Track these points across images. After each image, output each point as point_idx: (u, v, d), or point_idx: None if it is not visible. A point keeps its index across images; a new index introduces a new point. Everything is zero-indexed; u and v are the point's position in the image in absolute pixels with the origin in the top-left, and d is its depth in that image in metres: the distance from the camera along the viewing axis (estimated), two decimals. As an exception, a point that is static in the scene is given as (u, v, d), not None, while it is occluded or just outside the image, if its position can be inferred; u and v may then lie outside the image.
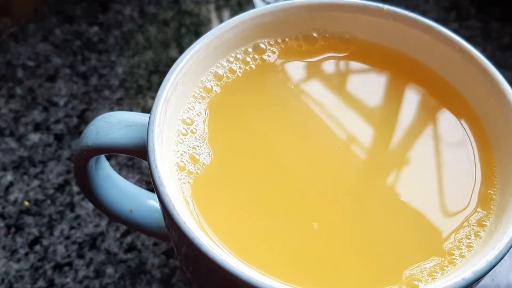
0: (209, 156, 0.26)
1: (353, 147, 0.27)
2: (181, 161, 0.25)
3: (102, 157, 0.29)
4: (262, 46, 0.30)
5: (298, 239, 0.24)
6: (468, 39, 0.28)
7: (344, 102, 0.29)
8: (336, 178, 0.26)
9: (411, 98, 0.29)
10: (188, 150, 0.26)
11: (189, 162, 0.25)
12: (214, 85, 0.28)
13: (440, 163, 0.27)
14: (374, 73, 0.30)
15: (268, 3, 0.53)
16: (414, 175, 0.26)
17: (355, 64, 0.30)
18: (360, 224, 0.25)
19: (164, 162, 0.23)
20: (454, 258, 0.23)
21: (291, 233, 0.24)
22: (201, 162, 0.25)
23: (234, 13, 0.52)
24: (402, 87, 0.29)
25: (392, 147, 0.27)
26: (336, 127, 0.28)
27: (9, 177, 0.40)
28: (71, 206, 0.38)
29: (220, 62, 0.29)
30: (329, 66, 0.30)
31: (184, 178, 0.25)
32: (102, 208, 0.30)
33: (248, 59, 0.29)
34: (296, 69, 0.30)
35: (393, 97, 0.29)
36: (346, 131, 0.28)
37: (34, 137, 0.42)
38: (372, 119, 0.28)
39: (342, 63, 0.30)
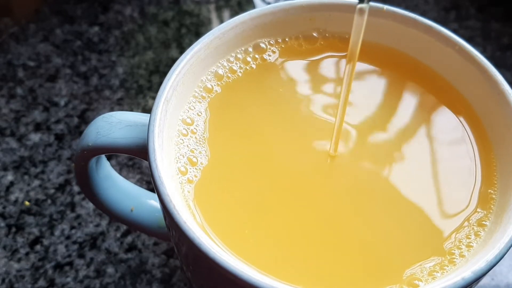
0: (210, 156, 0.26)
1: (353, 146, 0.27)
2: (181, 161, 0.25)
3: (103, 157, 0.29)
4: (263, 45, 0.30)
5: (299, 239, 0.24)
6: (468, 39, 0.28)
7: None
8: (337, 177, 0.26)
9: (411, 98, 0.29)
10: (189, 150, 0.26)
11: (189, 162, 0.25)
12: (215, 85, 0.28)
13: (441, 162, 0.27)
14: (374, 73, 0.30)
15: (268, 3, 0.53)
16: (414, 174, 0.26)
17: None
18: (361, 223, 0.25)
19: (165, 162, 0.23)
20: (454, 258, 0.23)
21: (291, 232, 0.24)
22: (201, 162, 0.25)
23: (234, 13, 0.52)
24: (402, 87, 0.29)
25: (392, 146, 0.27)
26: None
27: (9, 177, 0.40)
28: (72, 206, 0.38)
29: (221, 62, 0.29)
30: (329, 66, 0.30)
31: (184, 178, 0.25)
32: (103, 208, 0.31)
33: (249, 58, 0.29)
34: (296, 68, 0.30)
35: (393, 96, 0.29)
36: (346, 131, 0.28)
37: (35, 137, 0.42)
38: (372, 119, 0.28)
39: (342, 63, 0.30)
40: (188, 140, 0.26)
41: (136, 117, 0.26)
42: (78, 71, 0.47)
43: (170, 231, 0.25)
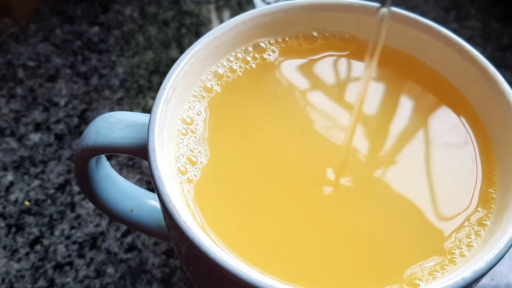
0: (209, 155, 0.26)
1: (353, 146, 0.27)
2: (181, 161, 0.25)
3: (103, 157, 0.29)
4: (262, 45, 0.30)
5: (299, 239, 0.24)
6: (468, 39, 0.28)
7: (345, 101, 0.29)
8: (337, 177, 0.26)
9: (411, 97, 0.29)
10: (188, 149, 0.26)
11: (189, 162, 0.25)
12: (215, 84, 0.28)
13: (441, 162, 0.27)
14: (374, 73, 0.30)
15: (268, 3, 0.53)
16: (415, 174, 0.26)
17: (355, 63, 0.30)
18: (361, 223, 0.25)
19: (165, 162, 0.23)
20: (454, 257, 0.23)
21: (291, 232, 0.24)
22: (201, 161, 0.25)
23: (234, 13, 0.52)
24: (402, 86, 0.29)
25: (392, 146, 0.27)
26: (337, 126, 0.28)
27: (9, 177, 0.40)
28: (72, 206, 0.38)
29: (220, 61, 0.29)
30: (329, 65, 0.30)
31: (184, 178, 0.25)
32: (103, 208, 0.31)
33: (249, 58, 0.29)
34: (296, 68, 0.30)
35: (393, 96, 0.29)
36: (346, 131, 0.28)
37: (35, 137, 0.42)
38: (372, 118, 0.28)
39: (342, 62, 0.30)
40: (188, 140, 0.26)
41: (136, 117, 0.26)
42: (78, 71, 0.47)
43: (170, 231, 0.25)
